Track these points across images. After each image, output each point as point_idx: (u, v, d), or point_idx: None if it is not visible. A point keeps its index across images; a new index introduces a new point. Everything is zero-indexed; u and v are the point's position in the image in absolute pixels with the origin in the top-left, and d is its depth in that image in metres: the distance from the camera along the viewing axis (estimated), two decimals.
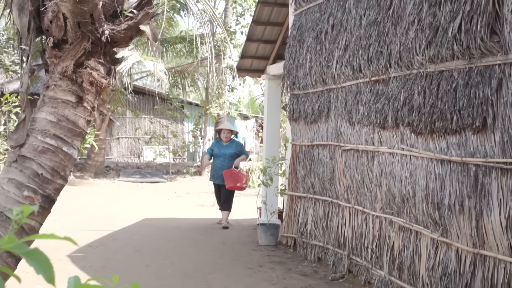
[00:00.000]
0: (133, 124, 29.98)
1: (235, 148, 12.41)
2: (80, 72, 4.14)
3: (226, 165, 12.10)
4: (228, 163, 12.13)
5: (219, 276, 8.05)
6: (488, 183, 5.13)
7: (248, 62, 12.63)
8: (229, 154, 12.23)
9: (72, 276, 1.66)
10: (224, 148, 12.36)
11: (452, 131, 5.58)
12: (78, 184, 20.61)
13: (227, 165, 12.09)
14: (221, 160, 12.19)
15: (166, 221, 13.17)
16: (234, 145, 12.49)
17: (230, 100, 29.20)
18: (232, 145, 12.44)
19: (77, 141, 4.23)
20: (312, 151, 9.11)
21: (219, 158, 12.27)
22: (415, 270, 6.36)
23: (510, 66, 4.93)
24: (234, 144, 12.55)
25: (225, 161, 12.16)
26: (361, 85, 7.49)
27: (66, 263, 8.49)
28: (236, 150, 12.36)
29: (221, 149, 12.35)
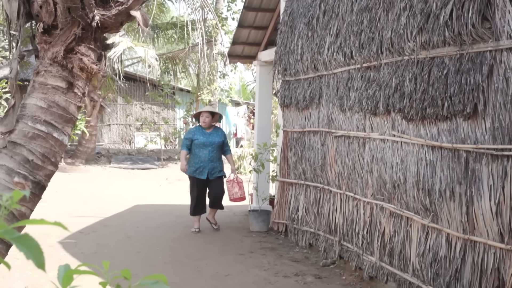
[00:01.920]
0: (124, 110, 29.90)
1: (221, 135, 10.58)
2: (71, 57, 4.11)
3: (216, 156, 10.30)
4: (217, 154, 10.37)
5: (210, 262, 8.07)
6: (479, 170, 5.14)
7: (239, 48, 12.59)
8: (217, 143, 10.33)
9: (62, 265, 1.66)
10: (210, 135, 10.36)
11: (443, 117, 5.59)
12: (69, 171, 20.55)
13: (216, 156, 10.32)
14: (210, 151, 10.22)
15: (158, 207, 13.17)
16: (221, 133, 10.66)
17: (222, 86, 29.17)
18: (218, 132, 10.55)
19: (68, 127, 4.21)
20: (303, 137, 9.11)
21: (206, 148, 10.22)
22: (405, 256, 6.39)
23: (501, 53, 4.94)
24: (220, 131, 10.71)
25: (214, 151, 10.28)
26: (353, 72, 7.48)
27: (57, 249, 8.48)
28: (223, 139, 10.57)
29: (208, 137, 10.31)
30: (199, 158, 10.21)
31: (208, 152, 10.21)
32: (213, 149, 10.26)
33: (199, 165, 10.20)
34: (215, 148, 10.28)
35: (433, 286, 5.85)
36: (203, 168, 10.19)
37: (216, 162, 10.27)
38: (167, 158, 26.33)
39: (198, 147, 10.24)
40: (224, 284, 7.16)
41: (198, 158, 10.22)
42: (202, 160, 10.19)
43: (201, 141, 10.23)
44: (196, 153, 10.26)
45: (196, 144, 10.26)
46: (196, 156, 10.26)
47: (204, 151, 10.22)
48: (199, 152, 10.23)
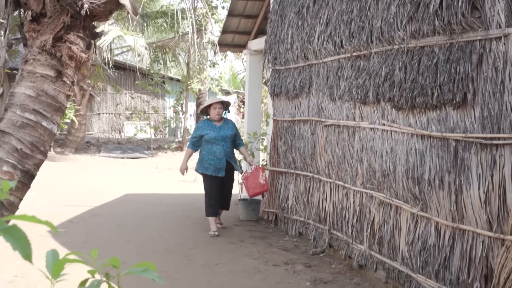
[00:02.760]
0: (114, 99, 29.80)
1: (232, 127, 9.61)
2: (59, 46, 4.10)
3: (230, 151, 9.50)
4: (231, 148, 9.56)
5: (201, 251, 8.08)
6: (468, 158, 5.16)
7: (229, 37, 12.56)
8: (230, 136, 9.44)
9: (50, 251, 1.65)
10: (221, 129, 9.44)
11: (432, 106, 5.60)
12: (58, 160, 20.50)
13: (231, 150, 9.54)
14: (224, 146, 9.33)
15: (148, 196, 13.16)
16: (231, 124, 9.69)
17: (212, 75, 29.14)
18: (228, 125, 9.59)
19: (57, 116, 4.19)
20: (293, 126, 9.12)
21: (219, 143, 9.31)
22: (395, 244, 6.41)
23: (490, 42, 4.95)
24: (230, 123, 9.72)
25: (228, 145, 9.43)
26: (343, 61, 7.48)
27: (47, 238, 8.46)
28: (235, 131, 9.65)
29: (219, 131, 9.39)
30: (214, 154, 9.28)
31: (222, 147, 9.31)
32: (227, 143, 9.39)
33: (215, 162, 9.27)
34: (228, 142, 9.42)
35: (422, 274, 5.88)
36: (221, 165, 9.29)
37: (232, 157, 9.54)
38: (157, 147, 26.31)
39: (210, 142, 9.32)
40: (214, 273, 7.17)
41: (213, 154, 9.28)
42: (217, 156, 9.28)
43: (212, 136, 9.29)
44: (209, 149, 9.32)
45: (207, 140, 9.33)
46: (210, 152, 9.31)
47: (218, 146, 9.30)
48: (212, 148, 9.30)
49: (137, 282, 6.23)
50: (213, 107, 9.48)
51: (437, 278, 5.65)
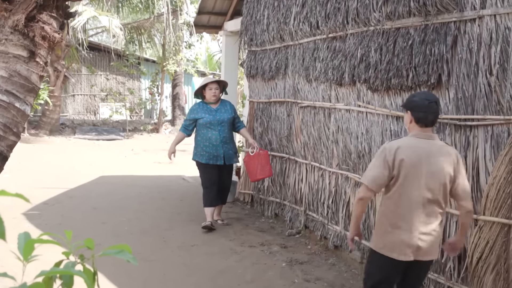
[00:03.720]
0: (89, 81, 29.57)
1: (230, 109, 8.67)
2: (32, 26, 4.04)
3: (228, 136, 8.55)
4: (229, 133, 8.63)
5: (177, 232, 8.07)
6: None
7: (205, 18, 12.47)
8: (228, 119, 8.53)
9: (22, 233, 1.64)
10: (218, 112, 8.52)
11: (407, 88, 5.63)
12: (32, 142, 20.32)
13: (229, 136, 8.59)
14: (220, 131, 8.42)
15: (123, 178, 13.10)
16: (229, 106, 8.71)
17: (187, 56, 29.00)
18: (226, 107, 8.65)
19: (30, 97, 4.15)
20: (269, 108, 9.11)
21: (215, 128, 8.41)
22: (369, 225, 6.46)
23: (465, 24, 4.97)
24: (228, 104, 8.74)
25: (225, 130, 8.50)
26: (319, 42, 7.47)
27: (21, 220, 8.41)
28: (234, 113, 8.72)
29: (215, 114, 8.49)
30: (210, 141, 8.39)
31: (218, 132, 8.40)
32: (224, 127, 8.46)
33: (211, 149, 8.39)
34: (226, 127, 8.49)
35: None
36: (217, 153, 8.41)
37: (230, 144, 8.58)
38: (132, 129, 26.18)
39: (205, 127, 8.42)
40: (190, 254, 7.18)
41: (209, 141, 8.39)
42: (213, 143, 8.38)
43: (208, 120, 8.41)
44: (205, 134, 8.42)
45: (201, 124, 8.44)
46: (205, 138, 8.42)
47: (214, 131, 8.40)
48: (208, 133, 8.40)
49: (112, 264, 6.21)
50: (208, 87, 8.55)
51: None
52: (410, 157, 4.10)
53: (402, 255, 4.18)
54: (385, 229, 4.28)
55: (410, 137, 4.25)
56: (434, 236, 4.21)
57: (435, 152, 4.14)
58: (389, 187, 4.23)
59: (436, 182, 4.12)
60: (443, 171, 4.11)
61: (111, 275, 6.06)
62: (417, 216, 4.13)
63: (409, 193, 4.13)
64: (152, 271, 6.48)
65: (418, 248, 4.15)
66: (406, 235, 4.15)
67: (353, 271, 6.74)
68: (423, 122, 4.17)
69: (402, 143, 4.19)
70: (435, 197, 4.14)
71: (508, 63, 4.51)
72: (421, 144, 4.16)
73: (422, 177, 4.10)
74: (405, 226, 4.15)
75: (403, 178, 4.12)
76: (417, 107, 4.19)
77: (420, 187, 4.11)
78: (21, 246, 1.58)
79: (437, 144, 4.20)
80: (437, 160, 4.11)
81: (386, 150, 4.17)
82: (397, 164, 4.11)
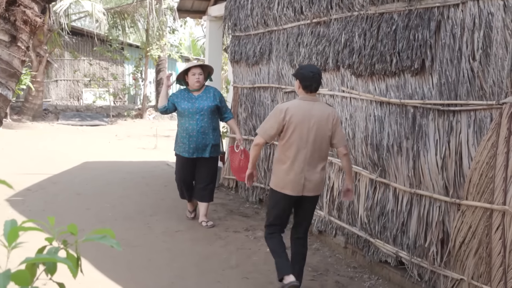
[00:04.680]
0: (72, 66, 29.37)
1: (213, 97, 7.79)
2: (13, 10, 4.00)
3: (207, 126, 7.69)
4: (210, 123, 7.75)
5: (161, 218, 8.07)
6: (425, 125, 5.23)
7: (189, 3, 12.40)
8: (208, 108, 7.68)
9: (8, 220, 1.63)
10: (198, 100, 7.72)
11: (391, 73, 5.65)
12: (15, 128, 20.19)
13: (208, 126, 7.71)
14: (198, 120, 7.64)
15: (107, 164, 13.06)
16: (213, 93, 7.84)
17: (171, 42, 28.85)
18: (209, 94, 7.80)
19: (12, 82, 4.11)
20: (253, 93, 9.10)
21: (194, 117, 7.64)
22: (354, 210, 6.50)
23: (448, 9, 4.98)
24: (212, 91, 7.88)
25: (204, 120, 7.67)
26: (303, 27, 7.46)
27: (5, 207, 8.36)
28: (217, 101, 7.82)
29: (194, 102, 7.69)
30: (187, 131, 7.68)
31: (195, 122, 7.64)
32: (203, 117, 7.65)
33: (187, 140, 7.69)
34: (205, 116, 7.67)
35: (380, 239, 5.98)
36: (193, 144, 7.68)
37: (209, 134, 7.73)
38: (116, 114, 26.08)
39: (184, 116, 7.73)
40: (175, 240, 7.18)
41: (186, 131, 7.70)
42: (190, 133, 7.65)
43: (185, 108, 7.67)
44: (182, 124, 7.77)
45: (180, 113, 7.77)
46: (182, 128, 7.78)
47: (191, 121, 7.65)
48: (186, 123, 7.70)
49: (96, 249, 6.20)
50: (191, 72, 7.76)
51: (395, 243, 5.75)
52: (297, 115, 5.18)
53: (293, 191, 5.27)
54: (279, 171, 5.33)
55: (298, 100, 5.35)
56: (318, 177, 5.32)
57: (317, 110, 5.23)
58: (282, 138, 5.27)
59: (318, 133, 5.21)
60: (323, 124, 5.22)
61: (95, 261, 6.05)
62: (304, 160, 5.23)
63: (297, 142, 5.20)
64: (136, 256, 6.48)
65: (304, 186, 5.26)
66: (296, 175, 5.24)
67: (337, 256, 6.78)
68: (309, 89, 5.26)
69: (291, 104, 5.29)
70: (318, 146, 5.24)
71: (491, 48, 4.53)
72: (306, 105, 5.24)
73: (306, 129, 5.19)
74: (295, 169, 5.24)
75: (292, 131, 5.18)
76: (304, 78, 5.25)
77: (306, 137, 5.20)
78: (6, 233, 1.57)
79: (319, 104, 5.34)
80: (318, 116, 5.22)
81: (278, 110, 5.27)
82: (287, 120, 5.18)
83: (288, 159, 5.26)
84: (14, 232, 1.56)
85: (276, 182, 5.38)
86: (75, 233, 1.71)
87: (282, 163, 5.30)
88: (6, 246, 1.58)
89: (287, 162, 5.26)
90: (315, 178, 5.30)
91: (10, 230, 1.59)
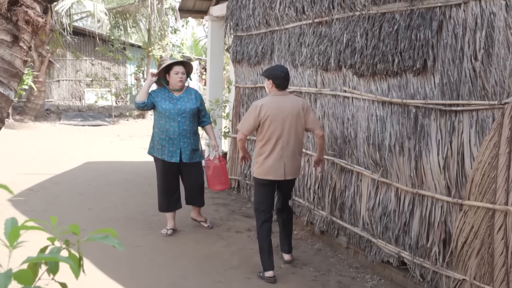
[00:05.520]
0: (74, 66, 29.36)
1: (195, 99, 7.49)
2: (15, 10, 3.99)
3: (189, 129, 7.36)
4: (192, 126, 7.42)
5: (162, 218, 8.06)
6: (428, 125, 5.23)
7: (190, 3, 12.41)
8: (190, 110, 7.35)
9: (9, 219, 1.63)
10: (180, 100, 7.37)
11: (393, 73, 5.64)
12: (17, 128, 20.20)
13: (190, 129, 7.38)
14: (180, 122, 7.28)
15: (109, 164, 13.07)
16: (194, 95, 7.52)
17: (173, 42, 28.83)
18: (190, 95, 7.47)
19: (14, 82, 4.10)
20: (255, 93, 9.10)
21: (174, 119, 7.26)
22: (356, 210, 6.49)
23: (450, 9, 4.98)
24: (193, 93, 7.56)
25: (186, 122, 7.32)
26: (304, 27, 7.46)
27: (7, 207, 8.37)
28: (198, 104, 7.50)
29: (176, 103, 7.33)
30: (167, 133, 7.29)
31: (177, 124, 7.27)
32: (185, 119, 7.31)
33: (166, 142, 7.31)
34: (187, 118, 7.33)
35: (382, 239, 5.97)
36: (173, 147, 7.33)
37: (190, 138, 7.41)
38: (118, 114, 26.08)
39: (164, 117, 7.30)
40: (176, 240, 7.19)
41: (165, 133, 7.30)
42: (170, 135, 7.29)
43: (166, 108, 7.26)
44: (162, 126, 7.33)
45: (160, 113, 7.34)
46: (161, 130, 7.34)
47: (172, 122, 7.26)
48: (166, 124, 7.29)
49: (98, 249, 6.21)
50: (174, 71, 7.37)
51: (397, 243, 5.75)
52: (271, 109, 5.95)
53: (275, 176, 6.07)
54: (261, 161, 6.07)
55: (270, 96, 6.16)
56: (296, 162, 6.15)
57: (288, 103, 6.04)
58: (260, 133, 6.05)
59: (293, 123, 5.99)
60: (295, 114, 6.01)
61: (97, 261, 6.06)
62: (281, 148, 6.01)
63: (274, 133, 5.96)
64: (138, 256, 6.49)
65: (285, 171, 6.05)
66: (276, 162, 6.02)
67: (339, 256, 6.78)
68: (281, 86, 6.11)
69: (265, 101, 6.07)
70: (293, 134, 6.03)
71: (493, 48, 4.53)
72: (278, 99, 6.05)
73: (281, 120, 5.96)
74: (274, 156, 6.01)
75: (268, 124, 5.94)
76: (277, 77, 6.08)
77: (281, 127, 5.96)
78: (7, 232, 1.57)
79: (289, 97, 6.15)
80: (290, 107, 6.01)
81: (253, 107, 6.03)
82: (262, 115, 5.94)
83: (267, 150, 6.02)
84: (15, 231, 1.56)
85: (259, 171, 6.13)
86: (77, 233, 1.71)
87: (262, 154, 6.07)
88: (7, 245, 1.58)
89: (267, 152, 6.03)
90: (293, 163, 6.12)
91: (11, 229, 1.59)
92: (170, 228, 7.53)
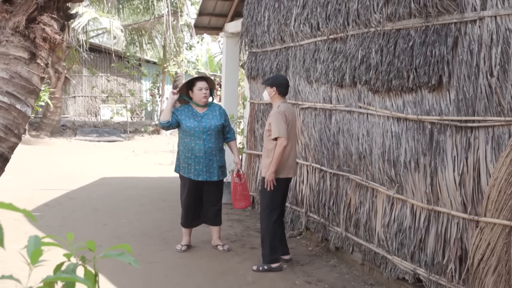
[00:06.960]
0: (90, 82, 29.59)
1: (220, 115, 7.39)
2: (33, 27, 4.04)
3: (215, 147, 7.26)
4: (217, 143, 7.32)
5: (177, 234, 8.06)
6: (443, 141, 5.21)
7: (206, 20, 12.47)
8: (216, 127, 7.27)
9: (32, 236, 1.64)
10: (205, 118, 7.28)
11: (408, 89, 5.63)
12: (33, 143, 20.32)
13: (216, 147, 7.28)
14: (206, 140, 7.19)
15: (124, 180, 13.11)
16: (219, 111, 7.43)
17: (188, 58, 28.98)
18: (214, 112, 7.38)
19: (31, 99, 4.14)
20: (270, 109, 9.09)
21: (200, 136, 7.16)
22: (371, 226, 6.46)
23: (466, 25, 4.97)
24: (217, 108, 7.46)
25: (212, 140, 7.22)
26: (319, 43, 7.47)
27: (22, 222, 8.41)
28: (222, 120, 7.40)
29: (201, 121, 7.24)
30: (193, 151, 7.18)
31: (203, 142, 7.16)
32: (210, 136, 7.20)
33: (192, 161, 7.20)
34: (212, 135, 7.22)
35: (397, 256, 5.94)
36: (199, 166, 7.22)
37: (217, 156, 7.33)
38: (133, 130, 26.18)
39: (189, 135, 7.19)
40: (191, 256, 7.18)
41: (191, 151, 7.19)
42: (196, 154, 7.17)
43: (191, 127, 7.16)
44: (187, 144, 7.23)
45: (184, 131, 7.22)
46: (187, 148, 7.24)
47: (198, 140, 7.16)
48: (191, 142, 7.18)
49: (114, 265, 6.22)
50: (198, 87, 7.26)
51: (413, 260, 5.71)
52: (290, 114, 6.68)
53: (294, 174, 6.93)
54: (283, 162, 6.58)
55: (283, 103, 6.72)
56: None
57: (293, 109, 7.08)
58: None
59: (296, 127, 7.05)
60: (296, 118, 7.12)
61: (112, 276, 6.06)
62: (295, 149, 6.92)
63: (292, 136, 6.70)
64: (153, 272, 6.48)
65: (296, 168, 6.99)
66: (293, 162, 6.81)
67: (354, 272, 6.74)
68: (284, 93, 6.77)
69: (284, 107, 6.63)
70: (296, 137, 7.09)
71: (508, 64, 4.51)
72: (288, 105, 6.82)
73: (295, 124, 6.84)
74: (293, 157, 6.76)
75: (290, 127, 6.61)
76: (280, 85, 6.71)
77: (295, 131, 6.90)
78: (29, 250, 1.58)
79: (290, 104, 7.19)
80: (295, 112, 7.06)
81: (281, 113, 6.52)
82: (288, 120, 6.58)
83: (288, 151, 6.60)
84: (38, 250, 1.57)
85: (280, 171, 6.60)
86: (93, 249, 1.71)
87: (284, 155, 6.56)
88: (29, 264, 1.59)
89: (288, 152, 6.62)
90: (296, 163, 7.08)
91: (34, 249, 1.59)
92: (185, 244, 7.51)
